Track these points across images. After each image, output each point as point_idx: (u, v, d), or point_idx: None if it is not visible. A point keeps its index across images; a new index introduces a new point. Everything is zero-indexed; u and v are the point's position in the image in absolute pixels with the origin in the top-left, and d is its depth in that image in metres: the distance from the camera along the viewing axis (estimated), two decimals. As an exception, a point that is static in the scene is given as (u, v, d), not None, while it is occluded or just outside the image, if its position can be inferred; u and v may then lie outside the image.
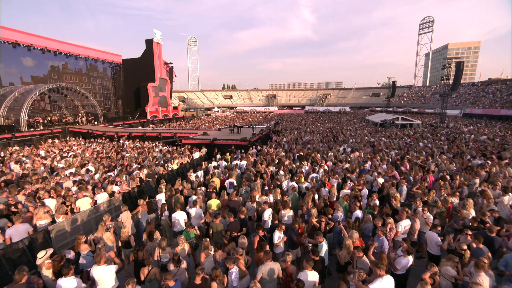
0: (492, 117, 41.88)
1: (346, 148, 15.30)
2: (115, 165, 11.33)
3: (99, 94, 39.28)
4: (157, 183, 10.32)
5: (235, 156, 12.79)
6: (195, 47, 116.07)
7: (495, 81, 65.10)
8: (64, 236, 6.25)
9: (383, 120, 28.90)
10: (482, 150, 14.14)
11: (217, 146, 16.60)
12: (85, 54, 35.41)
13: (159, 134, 21.52)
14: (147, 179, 9.90)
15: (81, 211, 6.99)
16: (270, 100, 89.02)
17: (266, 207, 6.42)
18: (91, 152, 15.35)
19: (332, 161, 11.94)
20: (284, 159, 11.89)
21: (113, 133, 23.08)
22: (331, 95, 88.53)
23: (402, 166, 10.90)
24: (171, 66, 45.44)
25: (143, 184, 9.42)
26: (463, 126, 29.20)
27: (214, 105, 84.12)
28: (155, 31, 40.65)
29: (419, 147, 15.60)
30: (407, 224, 5.47)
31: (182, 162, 12.54)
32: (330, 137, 20.84)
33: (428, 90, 78.71)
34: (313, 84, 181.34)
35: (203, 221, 6.41)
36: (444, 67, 29.41)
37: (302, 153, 13.65)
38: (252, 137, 18.35)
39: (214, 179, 8.85)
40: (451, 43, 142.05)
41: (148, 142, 18.67)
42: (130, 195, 8.82)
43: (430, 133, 22.45)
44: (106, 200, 7.67)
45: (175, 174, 11.67)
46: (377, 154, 13.44)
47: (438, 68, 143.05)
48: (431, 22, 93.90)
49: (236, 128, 21.85)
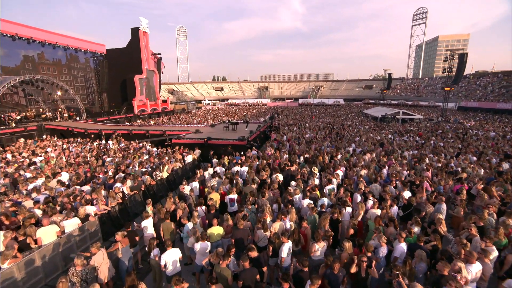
0: (488, 110, 41.65)
1: (356, 149, 13.98)
2: (92, 175, 9.56)
3: (81, 87, 36.45)
4: (144, 196, 8.70)
5: (234, 161, 11.22)
6: (184, 37, 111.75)
7: (486, 74, 65.46)
8: (13, 286, 4.62)
9: (383, 114, 27.81)
10: (504, 150, 13.07)
11: (211, 147, 14.97)
12: (63, 43, 32.36)
13: (147, 132, 19.60)
14: (132, 192, 8.25)
15: (43, 246, 5.35)
16: (262, 92, 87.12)
17: (286, 241, 4.97)
18: (68, 155, 13.44)
19: (344, 166, 10.61)
20: (292, 165, 10.46)
21: (96, 130, 20.99)
22: (324, 87, 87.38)
23: (425, 171, 9.67)
24: (159, 57, 42.80)
25: (126, 201, 7.78)
26: (464, 121, 28.53)
27: (205, 98, 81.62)
28: (141, 19, 37.82)
29: (431, 147, 14.48)
30: (478, 269, 4.13)
31: (173, 168, 10.90)
32: (333, 134, 19.52)
33: (421, 83, 78.66)
34: (304, 75, 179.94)
35: (207, 260, 4.89)
36: (447, 59, 28.37)
37: (308, 156, 12.25)
38: (250, 136, 16.79)
39: (212, 195, 7.30)
40: (441, 35, 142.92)
41: (135, 142, 16.81)
42: (110, 216, 7.19)
43: (434, 129, 21.50)
44: (78, 227, 6.02)
45: (165, 184, 10.04)
46: (391, 156, 12.19)
47: (429, 61, 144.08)
48: (424, 14, 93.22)
49: (231, 125, 20.15)
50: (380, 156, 12.10)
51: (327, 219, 5.73)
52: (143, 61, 37.32)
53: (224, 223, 5.94)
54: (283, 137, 17.84)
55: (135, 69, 36.69)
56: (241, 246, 5.50)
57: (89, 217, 6.38)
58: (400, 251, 4.88)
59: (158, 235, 6.11)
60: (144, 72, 37.37)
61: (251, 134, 17.38)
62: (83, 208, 6.29)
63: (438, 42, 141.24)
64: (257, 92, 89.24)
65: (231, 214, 7.48)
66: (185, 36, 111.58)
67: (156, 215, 6.49)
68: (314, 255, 5.06)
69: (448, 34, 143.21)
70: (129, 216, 7.90)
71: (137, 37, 36.90)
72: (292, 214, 6.33)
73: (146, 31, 38.33)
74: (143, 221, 5.96)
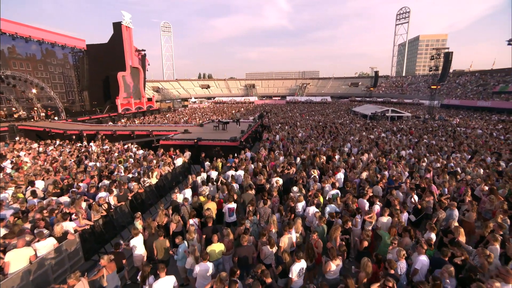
0: (469, 108, 43.12)
1: (352, 149, 13.67)
2: (72, 183, 8.58)
3: (59, 84, 34.24)
4: (131, 206, 7.89)
5: (228, 164, 10.55)
6: (169, 34, 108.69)
7: (465, 73, 68.24)
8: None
9: (373, 112, 27.95)
10: (495, 148, 13.18)
11: (202, 149, 14.19)
12: (37, 36, 30.08)
13: (132, 133, 18.47)
14: (118, 203, 7.41)
15: (9, 274, 4.50)
16: (249, 90, 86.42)
17: (298, 261, 4.40)
18: (45, 159, 12.24)
19: (343, 167, 10.21)
20: (290, 168, 9.92)
21: (76, 131, 19.59)
22: (310, 85, 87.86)
23: (427, 173, 9.44)
24: (144, 53, 41.06)
25: (111, 213, 6.95)
26: (449, 118, 29.19)
27: (191, 96, 79.81)
28: (124, 13, 35.99)
29: (425, 146, 14.43)
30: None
31: (162, 173, 10.08)
32: (326, 133, 19.22)
33: (405, 81, 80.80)
34: (290, 73, 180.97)
35: (209, 286, 4.23)
36: (433, 57, 28.87)
37: (304, 157, 11.77)
38: (242, 135, 16.14)
39: (209, 205, 6.61)
40: (422, 35, 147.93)
41: (119, 143, 15.70)
42: (93, 231, 6.35)
43: (424, 127, 21.72)
44: (54, 249, 5.17)
45: (154, 191, 9.22)
46: (388, 156, 11.95)
47: (411, 59, 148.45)
48: (407, 13, 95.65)
49: (221, 124, 19.37)
50: (378, 156, 11.82)
51: (338, 230, 5.22)
52: (127, 58, 35.58)
53: (224, 238, 5.29)
54: (276, 136, 17.32)
55: (118, 66, 34.91)
56: (244, 265, 4.90)
57: (67, 235, 5.54)
58: (421, 264, 4.45)
59: (149, 254, 5.39)
60: (128, 69, 35.65)
61: (243, 134, 16.74)
62: (59, 226, 5.43)
63: (419, 41, 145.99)
64: (244, 90, 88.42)
65: (228, 225, 6.89)
66: (170, 33, 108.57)
67: (147, 230, 5.74)
68: (328, 274, 4.53)
69: (428, 34, 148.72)
70: (115, 229, 7.08)
71: (120, 32, 35.11)
72: (297, 224, 5.79)
73: (129, 26, 36.57)
74: (132, 240, 5.19)
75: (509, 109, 34.14)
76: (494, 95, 43.64)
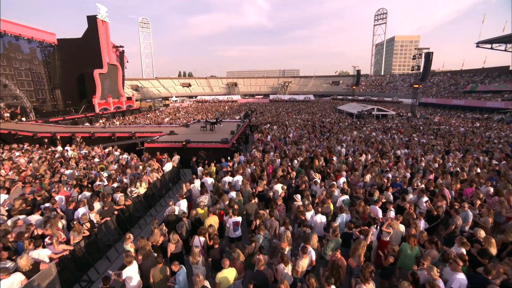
0: (444, 106, 45.21)
1: (347, 149, 13.36)
2: (46, 196, 7.40)
3: (27, 81, 31.25)
4: (118, 220, 6.92)
5: (225, 169, 9.76)
6: (148, 30, 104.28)
7: (437, 73, 72.01)
8: None
9: (359, 111, 28.22)
10: (486, 147, 13.44)
11: (191, 151, 13.25)
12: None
13: (113, 135, 17.03)
14: (102, 220, 6.42)
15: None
16: (231, 89, 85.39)
17: (314, 283, 3.80)
18: (10, 168, 10.72)
19: (344, 170, 9.81)
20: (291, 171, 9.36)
21: (48, 133, 17.76)
22: (292, 83, 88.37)
23: (428, 173, 9.27)
24: (122, 50, 38.72)
25: (94, 231, 5.96)
26: (430, 116, 30.22)
27: (172, 94, 77.24)
28: (99, 6, 33.52)
29: (417, 145, 14.50)
30: None
31: (150, 181, 9.11)
32: (317, 132, 18.92)
33: (383, 79, 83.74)
34: (271, 71, 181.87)
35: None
36: (415, 57, 29.69)
37: (301, 159, 11.26)
38: (232, 137, 15.37)
39: (211, 220, 5.84)
40: (397, 36, 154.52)
41: (99, 147, 14.33)
42: (74, 257, 5.36)
43: (411, 126, 22.14)
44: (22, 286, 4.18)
45: (142, 201, 8.26)
46: (386, 156, 11.76)
47: (388, 59, 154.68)
48: (384, 14, 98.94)
49: (209, 125, 18.41)
50: (376, 157, 11.58)
51: (364, 246, 4.68)
52: (104, 54, 33.25)
53: (236, 260, 4.57)
54: (267, 137, 16.72)
55: (94, 63, 32.52)
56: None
57: (39, 265, 4.56)
58: (459, 284, 4.03)
59: (145, 282, 4.55)
60: (105, 66, 33.32)
61: (234, 135, 15.98)
62: (27, 258, 4.40)
63: (395, 42, 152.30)
64: (226, 88, 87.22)
65: (232, 240, 6.18)
66: (148, 29, 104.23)
67: (140, 252, 4.88)
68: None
69: (402, 35, 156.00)
70: (100, 251, 6.12)
71: (95, 26, 32.69)
72: (313, 240, 5.20)
73: (106, 20, 34.21)
74: (125, 270, 4.30)
75: (481, 107, 36.16)
76: (466, 94, 46.11)
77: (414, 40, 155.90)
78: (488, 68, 55.26)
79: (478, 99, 39.83)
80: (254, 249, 5.00)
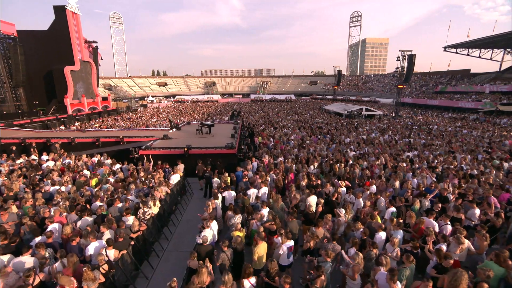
0: (420, 106, 47.66)
1: (354, 150, 12.94)
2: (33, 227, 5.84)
3: (-19, 79, 27.35)
4: (134, 251, 5.64)
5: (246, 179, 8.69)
6: (120, 26, 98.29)
7: (409, 73, 75.85)
8: None
9: (349, 111, 28.45)
10: (486, 148, 13.78)
11: (193, 158, 11.97)
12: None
13: (97, 140, 15.09)
14: (118, 254, 5.11)
15: None
16: (209, 88, 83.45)
17: None
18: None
19: (366, 176, 9.32)
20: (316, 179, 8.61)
21: (16, 139, 15.31)
22: (271, 83, 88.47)
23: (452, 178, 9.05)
24: (95, 45, 35.54)
25: (111, 273, 4.67)
26: (413, 116, 31.46)
27: (148, 94, 73.62)
28: (68, -5, 30.28)
29: (421, 146, 14.55)
30: None
31: (161, 196, 7.83)
32: (317, 134, 18.47)
33: (359, 80, 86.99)
34: (246, 71, 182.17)
35: None
36: (398, 59, 30.64)
37: (316, 163, 10.59)
38: (235, 141, 14.31)
39: (260, 248, 4.84)
40: (368, 38, 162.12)
41: (83, 155, 12.39)
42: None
43: (401, 125, 22.62)
44: None
45: (156, 224, 6.99)
46: (401, 158, 11.48)
47: (361, 59, 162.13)
48: (359, 17, 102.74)
49: (205, 127, 17.08)
50: (390, 160, 11.26)
51: (466, 279, 4.00)
52: (75, 50, 30.10)
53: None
54: (270, 140, 15.88)
55: (64, 59, 29.30)
56: None
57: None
58: None
59: None
60: (77, 63, 30.20)
61: (235, 139, 14.92)
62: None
63: (366, 43, 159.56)
64: (203, 88, 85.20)
65: (282, 268, 5.25)
66: (121, 25, 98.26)
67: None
68: None
69: (373, 37, 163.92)
70: (118, 296, 4.86)
71: (64, 18, 29.45)
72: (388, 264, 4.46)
73: (76, 12, 31.03)
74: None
75: (454, 107, 38.47)
76: (438, 94, 49.02)
77: (384, 43, 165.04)
78: (453, 70, 59.51)
79: (451, 99, 42.36)
80: (324, 282, 4.16)
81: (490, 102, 31.54)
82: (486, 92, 37.92)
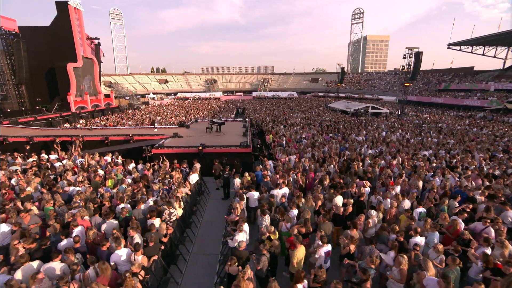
0: (424, 103, 47.47)
1: (370, 150, 12.75)
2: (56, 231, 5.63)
3: (-18, 75, 26.93)
4: (163, 255, 5.46)
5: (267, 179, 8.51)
6: (120, 22, 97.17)
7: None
8: None
9: (355, 109, 28.25)
10: (503, 146, 13.63)
11: (208, 157, 11.81)
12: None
13: (106, 139, 14.84)
14: (151, 260, 4.92)
15: None
16: (210, 85, 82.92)
17: None
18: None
19: (389, 176, 9.13)
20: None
21: (23, 137, 15.07)
22: (272, 80, 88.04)
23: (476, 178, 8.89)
24: (98, 42, 35.11)
25: (146, 280, 4.50)
26: (418, 114, 31.27)
27: (149, 91, 73.07)
28: (70, -10, 29.79)
29: (434, 144, 14.37)
30: None
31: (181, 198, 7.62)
32: (327, 132, 18.27)
33: (361, 77, 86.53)
34: (246, 68, 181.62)
35: None
36: (405, 56, 30.39)
37: (335, 163, 10.41)
38: (247, 139, 14.12)
39: (300, 252, 4.67)
40: (369, 35, 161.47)
41: (95, 155, 12.09)
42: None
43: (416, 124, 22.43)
44: None
45: (180, 225, 6.81)
46: (419, 158, 11.30)
47: (362, 57, 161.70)
48: (361, 14, 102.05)
49: (215, 125, 16.85)
50: (408, 159, 11.08)
51: None
52: (78, 46, 29.69)
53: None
54: (283, 138, 15.67)
55: (66, 56, 28.89)
56: None
57: None
58: None
59: None
60: (79, 59, 29.80)
61: (246, 136, 14.74)
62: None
63: (367, 41, 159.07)
64: (204, 85, 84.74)
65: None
66: (121, 21, 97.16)
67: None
68: None
69: (374, 35, 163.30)
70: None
71: (66, 14, 28.98)
72: (431, 269, 4.31)
73: (79, 8, 30.56)
74: None
75: (459, 105, 38.17)
76: (442, 92, 48.81)
77: (385, 40, 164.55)
78: (455, 68, 59.24)
79: (455, 97, 42.15)
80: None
81: (497, 100, 31.38)
82: (491, 90, 37.73)
